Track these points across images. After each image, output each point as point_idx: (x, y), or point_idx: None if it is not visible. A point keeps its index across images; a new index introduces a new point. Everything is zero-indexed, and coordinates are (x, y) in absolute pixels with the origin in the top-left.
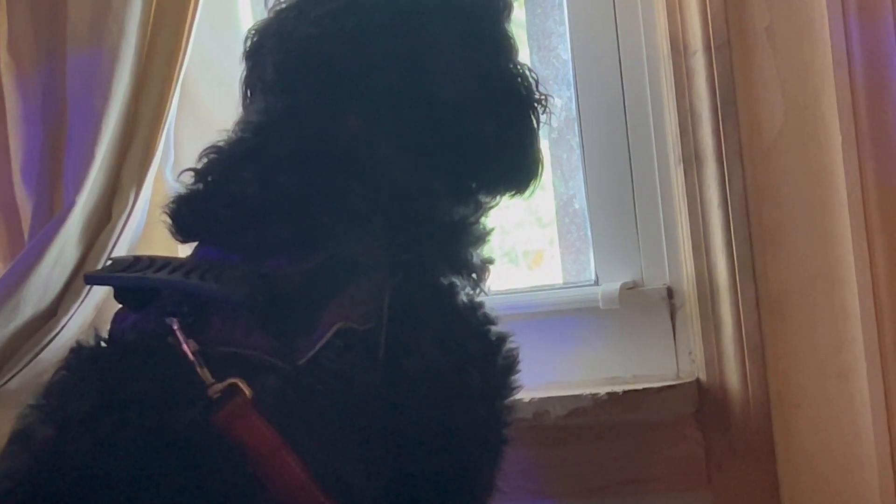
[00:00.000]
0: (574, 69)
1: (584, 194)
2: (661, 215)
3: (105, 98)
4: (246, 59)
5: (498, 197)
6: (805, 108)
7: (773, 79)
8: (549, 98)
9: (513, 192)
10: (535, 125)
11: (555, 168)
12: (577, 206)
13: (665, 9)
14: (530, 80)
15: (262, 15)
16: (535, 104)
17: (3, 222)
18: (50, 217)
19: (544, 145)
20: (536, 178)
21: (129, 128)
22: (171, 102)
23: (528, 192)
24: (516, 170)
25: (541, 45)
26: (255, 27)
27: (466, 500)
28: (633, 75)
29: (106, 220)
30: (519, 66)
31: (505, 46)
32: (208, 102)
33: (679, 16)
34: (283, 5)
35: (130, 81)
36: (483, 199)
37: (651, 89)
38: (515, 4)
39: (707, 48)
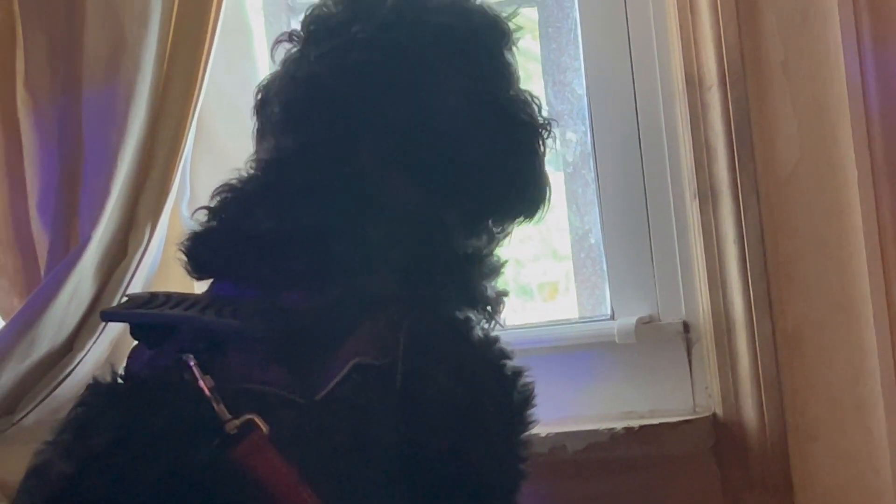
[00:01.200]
0: (589, 104)
1: (599, 229)
2: (677, 250)
3: (121, 133)
4: (256, 114)
5: (507, 225)
6: (821, 141)
7: (788, 113)
8: (553, 122)
9: (521, 219)
10: (540, 150)
11: (570, 203)
12: (592, 241)
13: (680, 43)
14: (533, 105)
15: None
16: (540, 129)
17: (19, 257)
18: (66, 252)
19: (559, 179)
20: (544, 203)
21: (144, 163)
22: (186, 138)
23: (536, 218)
24: (522, 196)
25: (556, 79)
26: (264, 82)
27: None
28: (648, 110)
29: (122, 255)
30: (520, 93)
31: (504, 74)
32: (224, 138)
33: (694, 50)
34: (289, 54)
35: (146, 117)
36: (494, 229)
37: (666, 124)
38: (529, 37)
39: (722, 83)
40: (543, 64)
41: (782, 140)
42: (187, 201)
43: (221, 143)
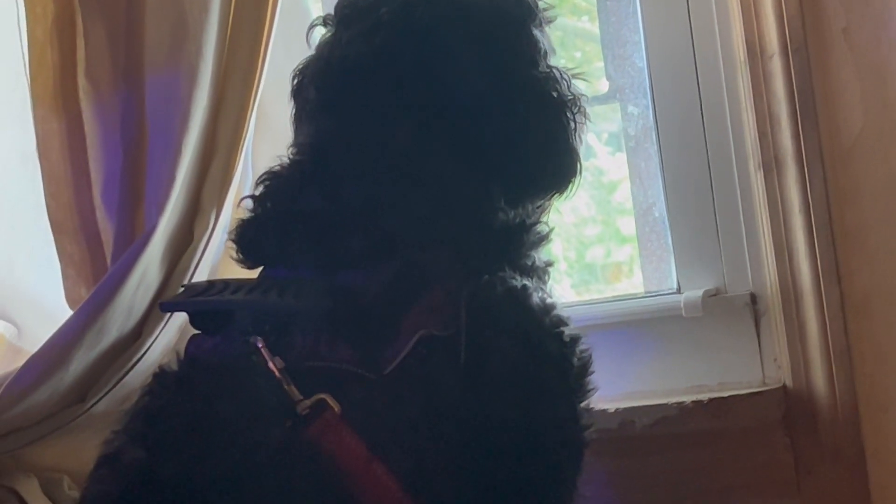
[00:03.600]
0: (650, 77)
1: (663, 202)
2: (743, 221)
3: (185, 119)
4: (293, 99)
5: (539, 200)
6: (885, 108)
7: (851, 80)
8: (583, 98)
9: (552, 193)
10: (568, 125)
11: (633, 177)
12: (656, 215)
13: (740, 13)
14: (562, 81)
15: None
16: (568, 104)
17: (85, 246)
18: (132, 240)
19: (621, 157)
20: (575, 177)
21: (208, 149)
22: (248, 122)
23: (567, 192)
24: (550, 170)
25: (616, 53)
26: (300, 66)
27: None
28: (709, 81)
29: (188, 242)
30: (547, 69)
31: (528, 51)
32: (284, 123)
33: (755, 20)
34: (323, 38)
35: (209, 102)
36: (531, 203)
37: (728, 95)
38: (587, 17)
39: (784, 51)
40: (603, 38)
41: (846, 108)
42: (250, 186)
43: (282, 127)
